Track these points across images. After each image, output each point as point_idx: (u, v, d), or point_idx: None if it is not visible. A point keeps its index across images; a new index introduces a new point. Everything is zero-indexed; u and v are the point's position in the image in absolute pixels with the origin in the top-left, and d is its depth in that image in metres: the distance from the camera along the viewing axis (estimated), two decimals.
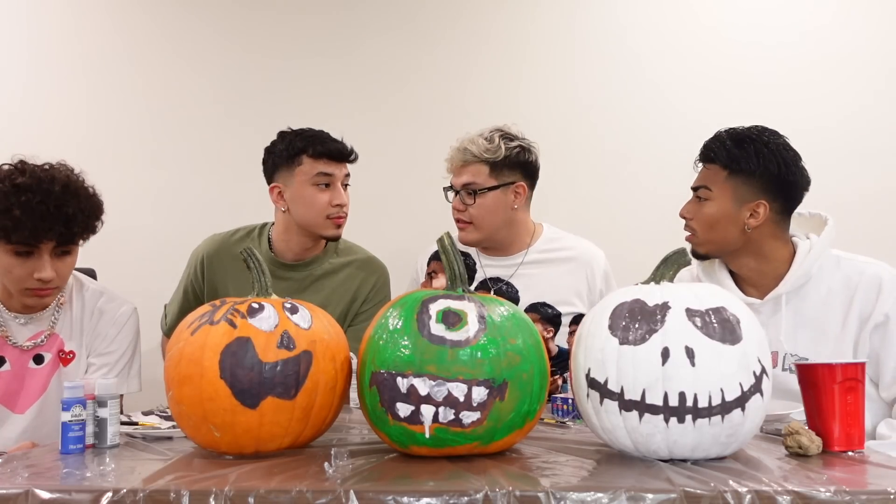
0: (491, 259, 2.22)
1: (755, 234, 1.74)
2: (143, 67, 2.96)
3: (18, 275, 1.68)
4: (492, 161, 2.10)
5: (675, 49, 2.94)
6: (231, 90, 2.96)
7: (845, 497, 0.97)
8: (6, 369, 1.77)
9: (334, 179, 2.11)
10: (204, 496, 0.98)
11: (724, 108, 2.82)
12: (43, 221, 1.61)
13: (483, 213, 2.12)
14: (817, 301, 1.74)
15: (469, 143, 2.12)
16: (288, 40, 2.98)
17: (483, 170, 2.11)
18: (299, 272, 2.18)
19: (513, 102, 2.90)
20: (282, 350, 1.21)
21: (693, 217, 1.78)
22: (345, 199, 2.14)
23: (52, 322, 1.81)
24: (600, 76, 2.94)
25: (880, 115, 2.87)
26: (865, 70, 2.89)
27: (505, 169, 2.12)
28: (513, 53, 2.95)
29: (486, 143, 2.10)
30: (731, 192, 1.73)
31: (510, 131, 2.15)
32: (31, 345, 1.79)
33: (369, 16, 2.98)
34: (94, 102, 2.96)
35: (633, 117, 2.91)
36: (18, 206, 1.60)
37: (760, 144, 1.73)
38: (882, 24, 2.90)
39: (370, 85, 2.96)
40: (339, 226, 2.15)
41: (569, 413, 1.61)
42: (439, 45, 2.97)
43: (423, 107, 2.95)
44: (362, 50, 2.96)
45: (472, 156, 2.11)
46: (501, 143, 2.10)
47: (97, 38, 2.98)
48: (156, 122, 2.95)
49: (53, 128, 2.91)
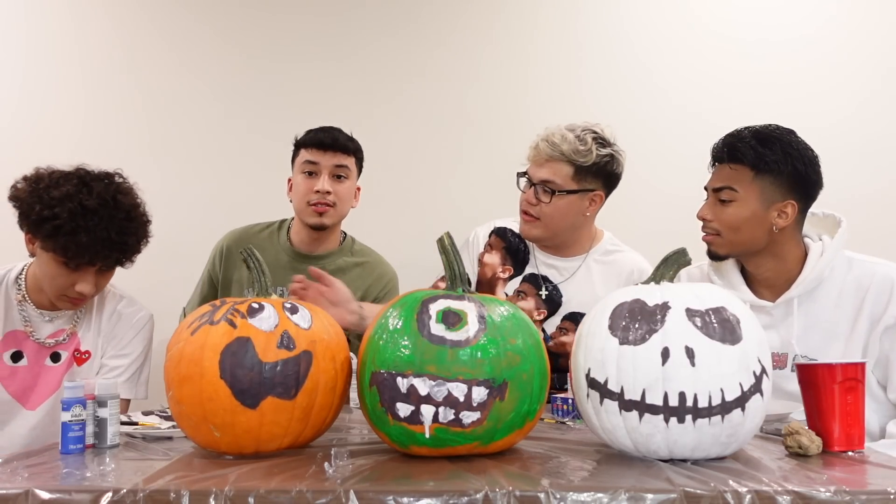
0: (547, 257, 2.13)
1: (779, 236, 1.71)
2: (144, 68, 2.96)
3: (61, 284, 1.72)
4: (579, 164, 1.98)
5: (681, 48, 2.94)
6: (232, 91, 2.95)
7: (845, 497, 0.97)
8: (23, 364, 1.80)
9: (319, 168, 2.18)
10: (204, 496, 0.98)
11: (730, 107, 2.82)
12: (104, 247, 1.66)
13: (555, 213, 2.02)
14: (829, 303, 1.72)
15: (560, 138, 1.98)
16: (291, 41, 2.98)
17: (567, 171, 1.99)
18: (310, 264, 2.19)
19: (519, 102, 2.91)
20: (282, 350, 1.21)
21: (715, 219, 1.74)
22: (327, 187, 2.17)
23: (74, 321, 1.84)
24: (605, 76, 2.94)
25: (889, 114, 2.86)
26: (872, 68, 2.88)
27: (589, 175, 2.01)
28: (518, 53, 2.96)
29: (578, 143, 1.97)
30: (759, 192, 1.70)
31: (604, 135, 2.02)
32: (53, 342, 1.82)
33: (372, 16, 2.98)
34: (93, 102, 2.95)
35: (638, 117, 2.91)
36: (85, 232, 1.63)
37: (786, 144, 1.70)
38: (891, 21, 2.90)
39: (374, 85, 2.96)
40: (321, 214, 2.19)
41: (569, 413, 1.61)
42: (444, 45, 2.97)
43: (428, 107, 2.95)
44: (366, 51, 2.96)
45: (560, 153, 1.97)
46: (594, 148, 1.98)
47: (96, 39, 2.97)
48: (154, 123, 2.95)
49: (51, 128, 2.91)
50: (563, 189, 2.00)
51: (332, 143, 2.18)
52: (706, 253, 1.80)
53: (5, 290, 1.81)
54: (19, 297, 1.81)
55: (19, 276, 1.83)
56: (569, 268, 2.11)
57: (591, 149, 1.97)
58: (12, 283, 1.82)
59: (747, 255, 1.76)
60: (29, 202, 1.67)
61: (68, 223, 1.63)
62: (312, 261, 2.23)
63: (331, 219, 2.21)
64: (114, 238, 1.66)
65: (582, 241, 2.12)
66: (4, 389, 1.78)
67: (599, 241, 2.15)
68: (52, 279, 1.72)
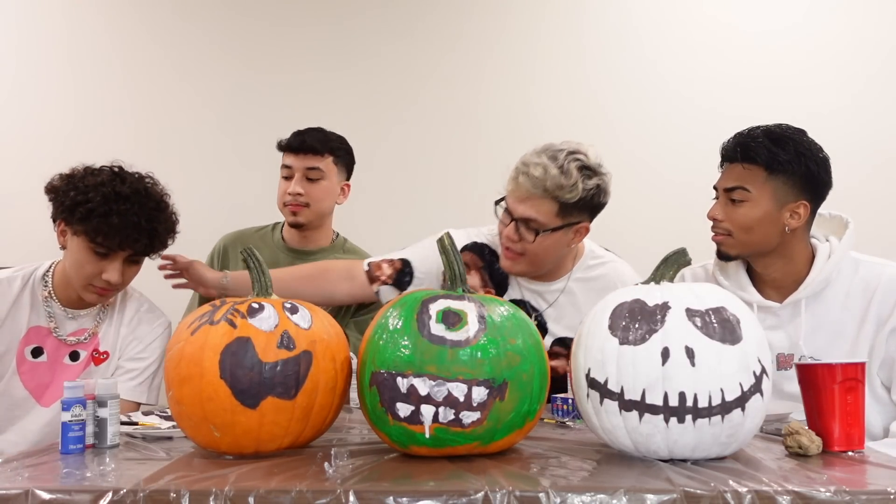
0: (529, 282, 1.98)
1: (789, 237, 1.70)
2: (139, 73, 2.98)
3: (88, 272, 1.75)
4: (563, 201, 1.79)
5: (687, 49, 2.95)
6: (230, 95, 2.98)
7: (845, 497, 0.97)
8: (42, 360, 1.82)
9: (293, 171, 2.26)
10: (204, 496, 0.98)
11: (737, 106, 2.83)
12: (134, 231, 1.71)
13: (539, 251, 1.85)
14: (836, 304, 1.71)
15: (542, 173, 1.77)
16: (291, 47, 2.99)
17: (551, 208, 1.80)
18: (303, 260, 2.29)
19: (524, 103, 2.91)
20: (282, 350, 1.21)
21: (726, 219, 1.72)
22: (298, 189, 2.24)
23: (97, 321, 1.87)
24: (611, 77, 2.95)
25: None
26: (879, 65, 2.88)
27: (575, 210, 1.82)
28: (524, 54, 2.96)
29: (562, 177, 1.76)
30: (772, 192, 1.67)
31: (590, 162, 1.80)
32: (74, 340, 1.84)
33: (375, 21, 2.98)
34: (87, 107, 2.97)
35: (644, 118, 2.92)
36: (117, 214, 1.69)
37: (799, 143, 1.68)
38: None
39: (376, 89, 2.98)
40: (294, 213, 2.27)
41: (569, 413, 1.61)
42: (448, 47, 2.98)
43: (429, 110, 2.96)
44: (368, 54, 2.98)
45: (543, 190, 1.77)
46: (580, 182, 1.77)
47: (90, 44, 2.99)
48: (152, 127, 2.96)
49: (45, 131, 2.93)
50: (547, 227, 1.82)
51: (300, 146, 2.25)
52: (716, 253, 1.78)
53: (32, 287, 1.84)
54: (45, 294, 1.83)
55: (46, 273, 1.86)
56: (553, 290, 1.98)
57: (577, 183, 1.78)
58: (39, 280, 1.85)
59: (757, 255, 1.75)
60: (64, 190, 1.74)
61: (101, 206, 1.69)
62: (305, 256, 2.30)
63: (305, 217, 2.28)
64: (144, 224, 1.72)
65: (565, 263, 1.98)
66: (22, 384, 1.80)
67: (581, 258, 2.00)
68: (81, 267, 1.75)
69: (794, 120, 1.77)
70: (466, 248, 2.01)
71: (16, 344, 1.80)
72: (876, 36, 2.90)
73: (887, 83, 2.88)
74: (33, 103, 2.97)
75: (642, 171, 2.89)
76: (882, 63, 2.89)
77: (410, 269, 1.98)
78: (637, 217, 2.81)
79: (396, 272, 1.98)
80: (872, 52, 2.89)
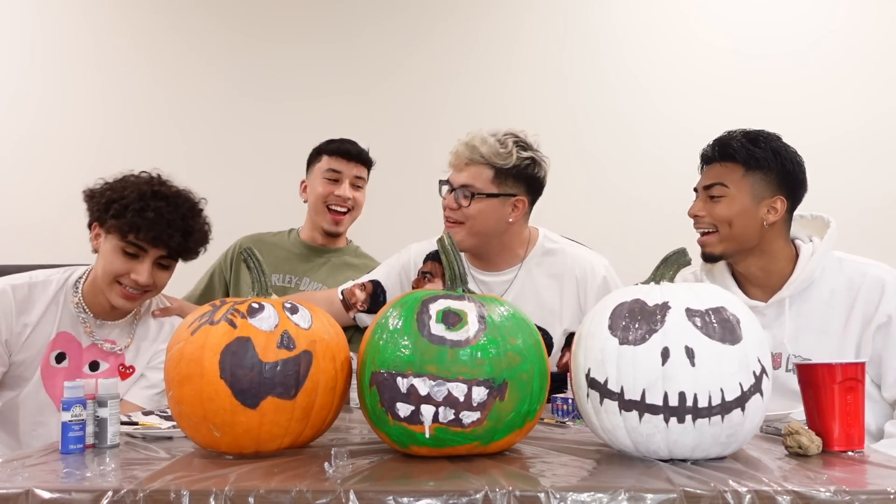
0: (479, 272, 2.05)
1: (768, 233, 1.75)
2: (157, 73, 2.99)
3: (118, 269, 1.75)
4: (498, 167, 1.91)
5: (668, 53, 2.97)
6: (238, 97, 2.99)
7: (845, 497, 0.97)
8: (64, 366, 1.82)
9: (342, 176, 2.37)
10: (204, 496, 0.98)
11: (716, 110, 2.84)
12: (168, 228, 1.73)
13: (477, 215, 1.93)
14: (820, 303, 1.75)
15: (480, 142, 1.91)
16: (293, 48, 3.00)
17: (487, 174, 1.92)
18: (319, 256, 2.44)
19: (525, 105, 2.92)
20: (282, 350, 1.21)
21: (707, 215, 1.78)
22: (348, 193, 2.36)
23: (130, 336, 1.89)
24: (593, 78, 2.96)
25: (881, 118, 2.87)
26: (869, 74, 2.90)
27: (510, 179, 1.93)
28: (504, 54, 2.97)
29: (498, 145, 1.90)
30: (749, 188, 1.74)
31: (526, 139, 1.96)
32: (110, 348, 1.85)
33: (375, 25, 3.00)
34: (109, 106, 2.98)
35: (626, 119, 2.93)
36: (153, 210, 1.73)
37: (775, 143, 1.75)
38: (882, 28, 2.91)
39: (374, 87, 2.99)
40: (337, 222, 2.38)
41: (569, 413, 1.61)
42: (432, 43, 2.99)
43: (427, 108, 2.97)
44: (367, 56, 2.99)
45: (479, 156, 1.91)
46: (514, 150, 1.91)
47: (110, 38, 3.03)
48: (169, 126, 2.97)
49: (69, 134, 2.94)
50: (482, 192, 1.92)
51: (356, 155, 2.37)
52: (700, 255, 1.82)
53: (65, 292, 1.84)
54: (75, 301, 1.84)
55: (79, 281, 1.85)
56: (503, 281, 2.02)
57: (512, 152, 1.90)
58: (71, 287, 1.85)
59: (738, 253, 1.79)
60: (101, 191, 1.78)
61: (136, 202, 1.72)
62: (318, 253, 2.43)
63: (345, 226, 2.42)
64: (178, 222, 1.74)
65: (513, 248, 2.03)
66: (44, 389, 1.81)
67: (535, 244, 2.05)
68: (110, 264, 1.76)
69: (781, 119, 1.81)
70: (429, 258, 2.12)
71: (44, 348, 1.80)
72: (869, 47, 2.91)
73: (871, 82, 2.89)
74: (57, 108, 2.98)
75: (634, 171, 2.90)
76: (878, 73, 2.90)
77: (382, 288, 2.13)
78: (637, 217, 2.81)
79: (369, 296, 2.11)
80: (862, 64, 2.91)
